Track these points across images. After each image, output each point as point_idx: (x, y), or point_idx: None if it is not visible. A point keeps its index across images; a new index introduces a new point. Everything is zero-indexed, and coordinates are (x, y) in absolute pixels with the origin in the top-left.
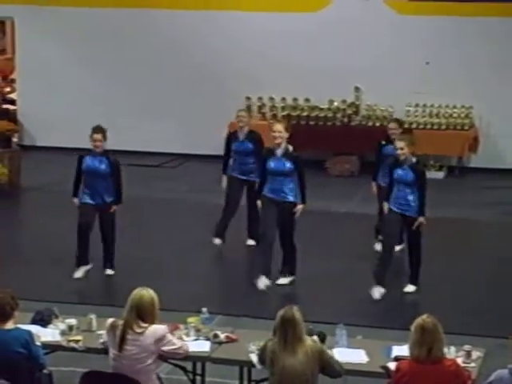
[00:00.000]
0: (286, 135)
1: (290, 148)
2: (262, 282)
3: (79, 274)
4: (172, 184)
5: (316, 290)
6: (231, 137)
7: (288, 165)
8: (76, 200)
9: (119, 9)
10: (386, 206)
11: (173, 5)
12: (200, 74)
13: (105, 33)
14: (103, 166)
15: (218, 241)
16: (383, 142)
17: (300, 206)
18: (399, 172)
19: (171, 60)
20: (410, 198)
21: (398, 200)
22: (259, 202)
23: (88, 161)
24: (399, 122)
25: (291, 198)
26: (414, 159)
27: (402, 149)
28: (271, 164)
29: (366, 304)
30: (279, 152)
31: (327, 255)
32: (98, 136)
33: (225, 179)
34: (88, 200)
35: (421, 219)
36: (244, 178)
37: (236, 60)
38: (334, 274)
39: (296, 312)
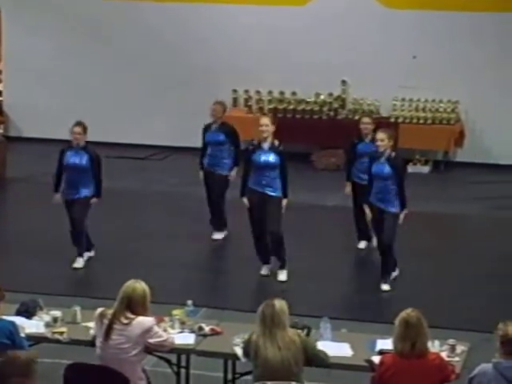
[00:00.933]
0: (272, 129)
1: (276, 142)
2: (265, 269)
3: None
4: (159, 176)
5: (301, 284)
6: (206, 129)
7: (274, 158)
8: (58, 196)
9: (107, 1)
10: (366, 209)
11: None
12: (187, 66)
13: (92, 25)
14: (84, 162)
15: (218, 235)
16: (356, 141)
17: (285, 201)
18: (376, 166)
19: (158, 52)
20: (389, 191)
21: (377, 195)
22: (245, 200)
23: (68, 156)
24: (372, 118)
25: (277, 193)
26: (392, 153)
27: (382, 140)
28: (257, 157)
29: (351, 297)
30: (266, 146)
31: (312, 249)
32: (78, 129)
33: (201, 173)
34: (69, 196)
35: (405, 212)
36: (211, 170)
37: (223, 53)
38: (319, 267)
39: (278, 302)
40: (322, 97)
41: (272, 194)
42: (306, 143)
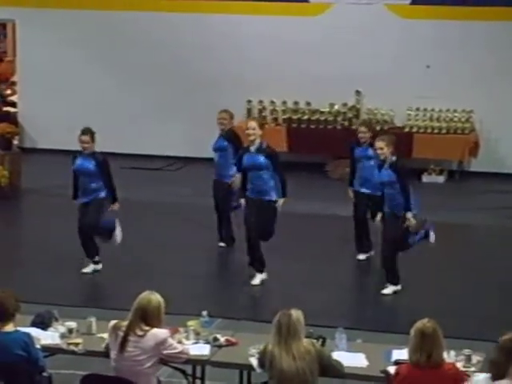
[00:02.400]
0: (259, 132)
1: (265, 144)
2: (258, 278)
3: (87, 269)
4: (173, 187)
5: (316, 294)
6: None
7: (261, 159)
8: (76, 202)
9: (121, 12)
10: (378, 218)
11: (176, 8)
12: (202, 77)
13: (107, 35)
14: (90, 166)
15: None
16: (353, 145)
17: (281, 200)
18: (381, 174)
19: (173, 64)
20: (397, 196)
21: (390, 202)
22: (243, 201)
23: (77, 161)
24: (369, 126)
25: (272, 197)
26: (393, 158)
27: (381, 148)
28: (245, 159)
29: (366, 308)
30: (253, 148)
31: (328, 259)
32: (86, 137)
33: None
34: (83, 199)
35: (408, 215)
36: (217, 179)
37: (238, 64)
38: (333, 277)
39: (294, 312)
40: (336, 107)
41: (266, 197)
42: (320, 153)
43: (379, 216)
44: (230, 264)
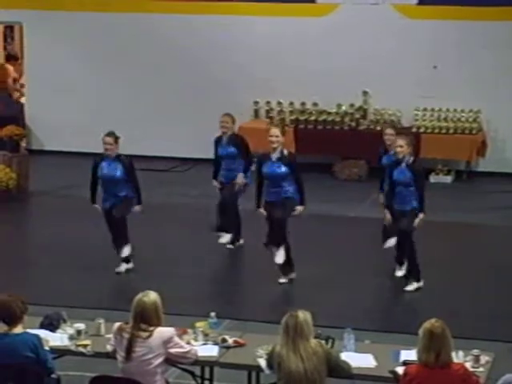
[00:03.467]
0: (282, 140)
1: (286, 152)
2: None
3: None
4: (182, 188)
5: (324, 294)
6: (217, 141)
7: (283, 168)
8: (97, 206)
9: (128, 13)
10: (387, 215)
11: (183, 10)
12: (209, 78)
13: (114, 38)
14: (118, 173)
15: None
16: (381, 152)
17: (300, 208)
18: (398, 173)
19: (180, 65)
20: (410, 196)
21: (399, 199)
22: (262, 210)
23: (103, 168)
24: (395, 127)
25: (292, 196)
26: (411, 159)
27: (401, 146)
28: (265, 169)
29: (374, 308)
30: (274, 156)
31: (336, 259)
32: (110, 139)
33: (215, 184)
34: (107, 204)
35: (421, 216)
36: (227, 182)
37: (245, 65)
38: (341, 278)
39: (302, 314)
40: (343, 108)
41: (287, 195)
42: (327, 154)
43: (388, 213)
44: (239, 265)
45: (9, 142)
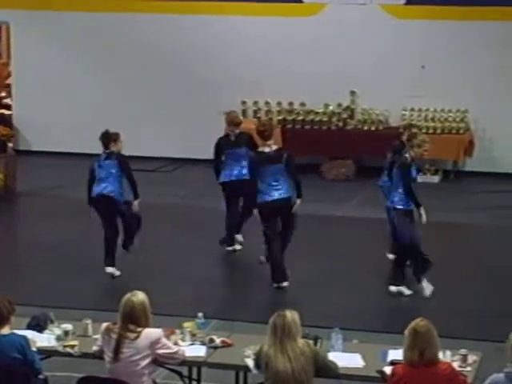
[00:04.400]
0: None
1: (276, 147)
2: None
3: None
4: (169, 188)
5: (311, 294)
6: (222, 141)
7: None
8: (93, 209)
9: (116, 13)
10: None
11: (170, 10)
12: (196, 78)
13: (101, 37)
14: (113, 171)
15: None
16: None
17: (298, 201)
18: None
19: (167, 66)
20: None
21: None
22: (256, 211)
23: (99, 170)
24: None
25: (289, 195)
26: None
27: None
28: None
29: (362, 308)
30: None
31: (323, 259)
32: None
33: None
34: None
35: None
36: (234, 179)
37: (232, 65)
38: (329, 277)
39: (289, 314)
40: (330, 107)
41: (284, 196)
42: (315, 154)
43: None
44: (226, 265)
45: None
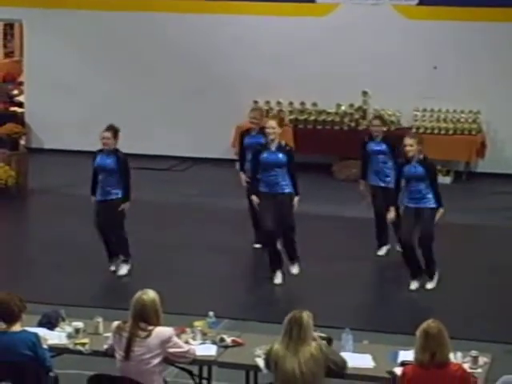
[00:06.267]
0: (279, 131)
1: (283, 142)
2: (278, 278)
3: (113, 267)
4: (181, 187)
5: (322, 294)
6: (244, 135)
7: (282, 157)
8: (93, 198)
9: (128, 12)
10: (391, 213)
11: (182, 9)
12: (208, 78)
13: (114, 36)
14: (109, 162)
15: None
16: (366, 139)
17: (297, 198)
18: (408, 168)
19: (181, 64)
20: (425, 191)
21: (413, 195)
22: (254, 197)
23: (98, 158)
24: (382, 119)
25: (288, 190)
26: (421, 156)
27: (411, 145)
28: (265, 156)
29: (372, 309)
30: (273, 147)
31: (333, 259)
32: (107, 134)
33: (242, 177)
34: (99, 197)
35: (441, 210)
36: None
37: (244, 64)
38: (339, 278)
39: (304, 314)
40: (342, 108)
41: (284, 191)
42: (326, 154)
43: (393, 211)
44: (238, 264)
45: (8, 140)
